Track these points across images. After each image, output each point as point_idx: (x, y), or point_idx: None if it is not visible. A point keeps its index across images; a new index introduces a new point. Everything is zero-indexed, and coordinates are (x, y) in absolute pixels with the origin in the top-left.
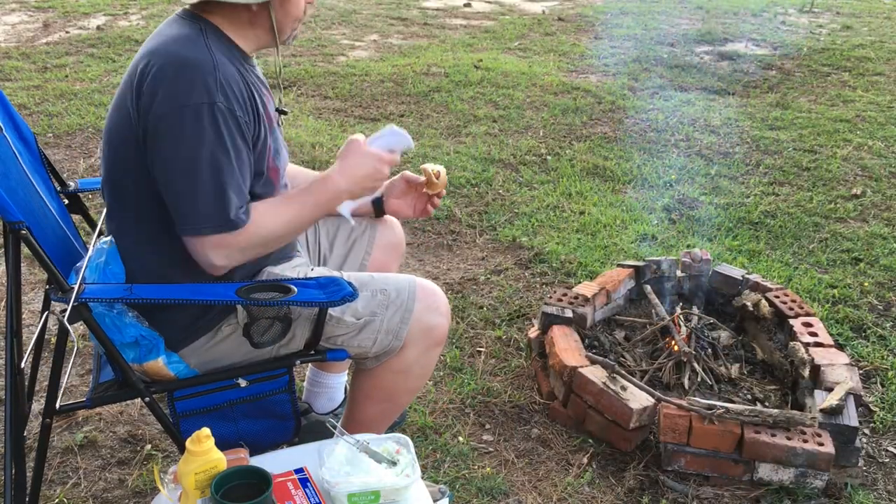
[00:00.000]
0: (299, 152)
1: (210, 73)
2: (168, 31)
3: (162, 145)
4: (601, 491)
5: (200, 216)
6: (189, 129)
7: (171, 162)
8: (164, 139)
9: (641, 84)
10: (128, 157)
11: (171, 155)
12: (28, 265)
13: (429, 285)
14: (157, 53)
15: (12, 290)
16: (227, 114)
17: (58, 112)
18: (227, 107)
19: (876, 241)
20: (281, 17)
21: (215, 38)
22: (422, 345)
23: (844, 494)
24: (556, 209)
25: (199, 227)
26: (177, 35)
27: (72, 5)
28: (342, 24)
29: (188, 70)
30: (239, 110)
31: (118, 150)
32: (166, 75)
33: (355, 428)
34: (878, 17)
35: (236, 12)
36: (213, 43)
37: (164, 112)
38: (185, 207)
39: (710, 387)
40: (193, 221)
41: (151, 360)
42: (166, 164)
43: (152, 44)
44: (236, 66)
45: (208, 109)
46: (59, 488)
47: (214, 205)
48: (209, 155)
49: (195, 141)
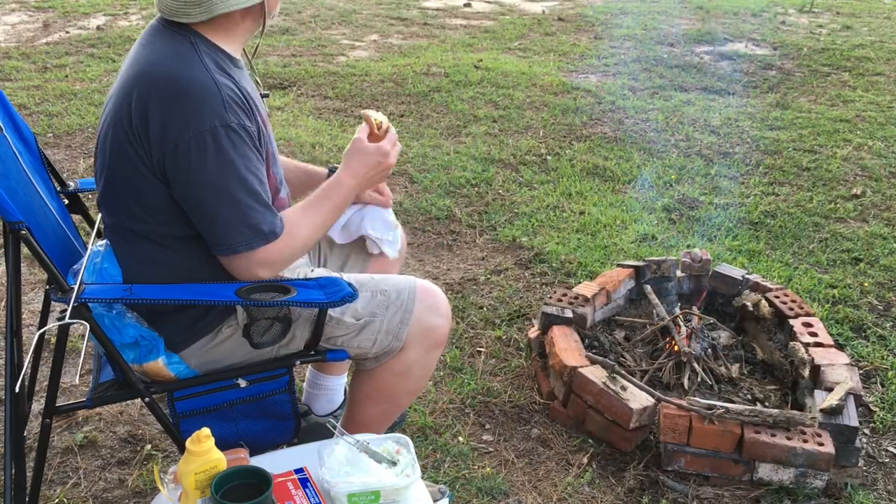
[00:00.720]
0: (299, 152)
1: (215, 94)
2: (157, 47)
3: (186, 172)
4: (601, 491)
5: (239, 235)
6: (210, 153)
7: (199, 187)
8: (186, 166)
9: (641, 84)
10: (128, 175)
11: (199, 180)
12: (28, 265)
13: (429, 286)
14: (155, 76)
15: (12, 290)
16: (241, 130)
17: (58, 112)
18: (238, 123)
19: (876, 241)
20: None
21: (206, 50)
22: (422, 346)
23: (844, 494)
24: (556, 209)
25: (239, 245)
26: (170, 52)
27: (72, 5)
28: (342, 24)
29: (193, 95)
30: (247, 121)
31: (116, 167)
32: (173, 103)
33: (355, 429)
34: (878, 17)
35: (230, 14)
36: (205, 56)
37: (179, 139)
38: (220, 229)
39: (710, 387)
40: (232, 241)
41: (151, 361)
42: (195, 190)
43: (144, 63)
44: (230, 75)
45: (224, 132)
46: (59, 488)
47: (250, 221)
48: (236, 174)
49: (219, 164)
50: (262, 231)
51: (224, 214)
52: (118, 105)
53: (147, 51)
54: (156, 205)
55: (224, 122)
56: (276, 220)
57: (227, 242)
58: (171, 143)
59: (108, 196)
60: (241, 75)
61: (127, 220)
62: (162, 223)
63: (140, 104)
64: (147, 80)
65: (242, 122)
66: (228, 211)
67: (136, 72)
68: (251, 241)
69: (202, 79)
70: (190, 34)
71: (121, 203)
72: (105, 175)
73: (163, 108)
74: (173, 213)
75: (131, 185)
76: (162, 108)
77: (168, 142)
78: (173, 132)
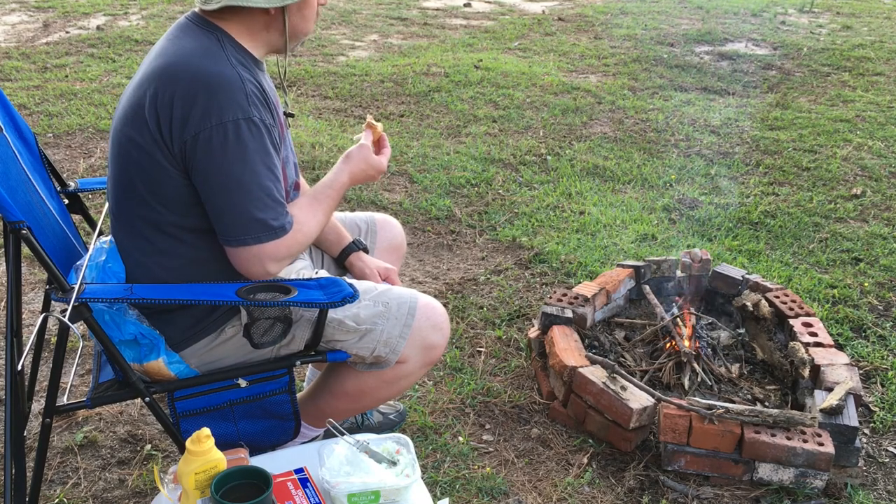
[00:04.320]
0: (299, 152)
1: (240, 88)
2: (185, 42)
3: (204, 161)
4: (601, 491)
5: (249, 227)
6: (230, 144)
7: (215, 177)
8: (205, 155)
9: (641, 84)
10: (144, 164)
11: (216, 169)
12: (28, 265)
13: (431, 303)
14: (180, 69)
15: (12, 290)
16: (262, 125)
17: (58, 112)
18: (260, 118)
19: (876, 241)
20: (297, 22)
21: (232, 47)
22: (419, 361)
23: (844, 494)
24: (555, 209)
25: (248, 237)
26: (196, 47)
27: (72, 5)
28: (342, 24)
29: (218, 87)
30: (268, 118)
31: (132, 161)
32: (197, 94)
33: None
34: (878, 17)
35: (253, 17)
36: (231, 54)
37: (201, 129)
38: (231, 219)
39: (710, 387)
40: (242, 233)
41: (152, 360)
42: (210, 179)
43: (171, 56)
44: (253, 74)
45: (245, 124)
46: (59, 488)
47: (264, 214)
48: (252, 167)
49: (237, 155)
50: (272, 226)
51: (236, 206)
52: (141, 94)
53: (174, 45)
54: (171, 195)
55: (246, 115)
56: (287, 217)
57: (236, 234)
58: (192, 133)
59: (120, 185)
60: (263, 77)
61: (139, 210)
62: (176, 213)
63: (165, 95)
64: (173, 71)
65: (263, 117)
66: (241, 203)
67: (163, 63)
68: (260, 234)
69: (227, 73)
70: (217, 31)
71: (133, 192)
72: (119, 164)
73: (187, 99)
74: (189, 204)
75: (148, 174)
76: (186, 98)
77: (189, 131)
78: (195, 122)
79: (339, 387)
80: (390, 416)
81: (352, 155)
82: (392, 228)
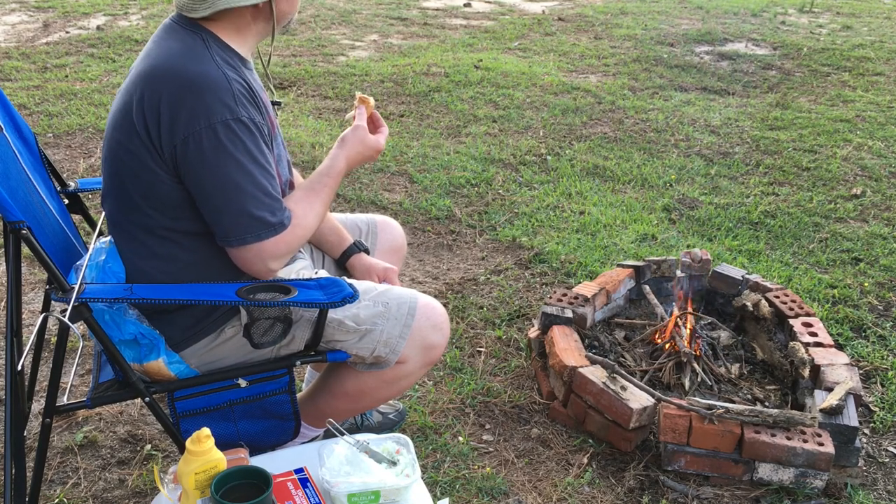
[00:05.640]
0: (299, 152)
1: (226, 88)
2: (170, 44)
3: (196, 164)
4: (601, 491)
5: (249, 226)
6: (220, 145)
7: (209, 179)
8: (196, 158)
9: (641, 84)
10: (136, 169)
11: (208, 172)
12: (28, 265)
13: (431, 303)
14: (166, 72)
15: (12, 290)
16: (251, 124)
17: (58, 112)
18: (249, 117)
19: (876, 241)
20: (284, 7)
21: (217, 47)
22: (420, 361)
23: (844, 494)
24: (556, 209)
25: (248, 236)
26: (181, 48)
27: (72, 5)
28: (342, 24)
29: (205, 89)
30: (258, 116)
31: (124, 161)
32: (184, 96)
33: (315, 418)
34: (878, 17)
35: (241, 14)
36: (216, 54)
37: (190, 132)
38: (229, 220)
39: (710, 387)
40: (241, 232)
41: (152, 360)
42: (204, 182)
43: (156, 58)
44: (240, 73)
45: (235, 125)
46: (59, 488)
47: (261, 212)
48: (245, 166)
49: (228, 156)
50: (270, 223)
51: (233, 206)
52: (128, 99)
53: (160, 48)
54: (163, 199)
55: (234, 116)
56: (285, 211)
57: (236, 234)
58: (182, 136)
59: (113, 190)
60: (251, 76)
61: (132, 215)
62: (168, 217)
63: (151, 98)
64: (158, 74)
65: (252, 116)
66: (238, 202)
67: (148, 66)
68: (260, 232)
69: (213, 74)
70: (202, 32)
71: (126, 197)
72: (111, 168)
73: (174, 102)
74: (181, 208)
75: (139, 178)
76: (173, 101)
77: (178, 135)
78: (184, 125)
79: (338, 387)
80: (390, 415)
81: (346, 138)
82: (392, 230)
